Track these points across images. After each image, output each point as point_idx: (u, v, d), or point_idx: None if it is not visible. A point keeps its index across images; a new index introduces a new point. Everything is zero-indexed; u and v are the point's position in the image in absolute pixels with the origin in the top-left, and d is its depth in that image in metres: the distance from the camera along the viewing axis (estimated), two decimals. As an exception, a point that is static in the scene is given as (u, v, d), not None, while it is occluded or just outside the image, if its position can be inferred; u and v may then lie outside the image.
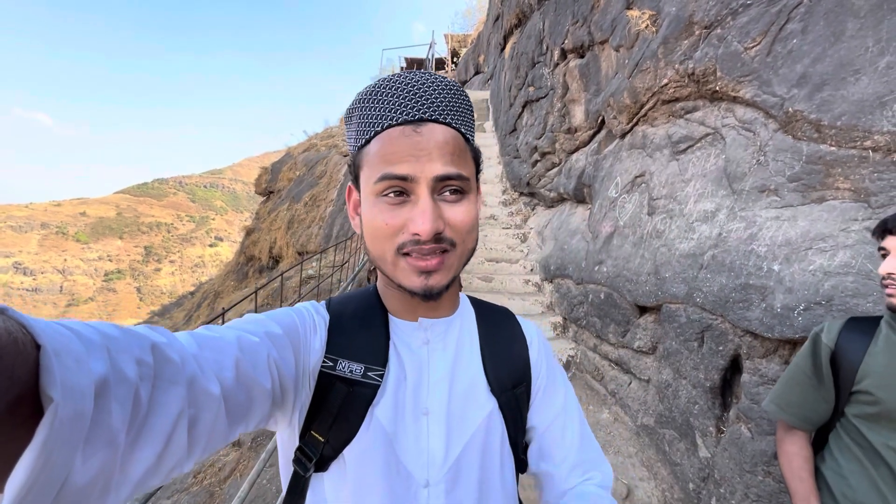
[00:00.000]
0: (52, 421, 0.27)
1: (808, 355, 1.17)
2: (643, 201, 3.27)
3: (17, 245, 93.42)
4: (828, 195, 1.98)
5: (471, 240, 0.62)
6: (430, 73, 0.61)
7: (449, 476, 0.63)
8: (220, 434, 0.45)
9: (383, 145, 0.57)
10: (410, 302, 0.68)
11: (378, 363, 0.64)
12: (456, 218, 0.58)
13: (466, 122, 0.63)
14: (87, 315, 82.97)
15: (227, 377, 0.46)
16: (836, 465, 1.10)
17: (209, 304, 14.25)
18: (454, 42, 18.79)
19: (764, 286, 2.04)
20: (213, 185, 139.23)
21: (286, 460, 0.65)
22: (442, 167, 0.57)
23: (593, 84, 4.38)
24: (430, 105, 0.58)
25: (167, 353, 0.39)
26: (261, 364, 0.52)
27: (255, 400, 0.51)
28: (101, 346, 0.33)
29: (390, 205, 0.57)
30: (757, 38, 2.42)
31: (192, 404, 0.40)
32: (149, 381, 0.36)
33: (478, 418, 0.66)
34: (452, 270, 0.60)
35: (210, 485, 3.24)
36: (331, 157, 12.52)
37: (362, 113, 0.60)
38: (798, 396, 1.18)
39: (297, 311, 0.65)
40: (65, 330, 0.31)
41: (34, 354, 0.27)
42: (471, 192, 0.61)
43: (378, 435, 0.61)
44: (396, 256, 0.58)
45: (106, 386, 0.31)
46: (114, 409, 0.32)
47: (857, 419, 1.07)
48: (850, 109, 1.90)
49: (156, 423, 0.36)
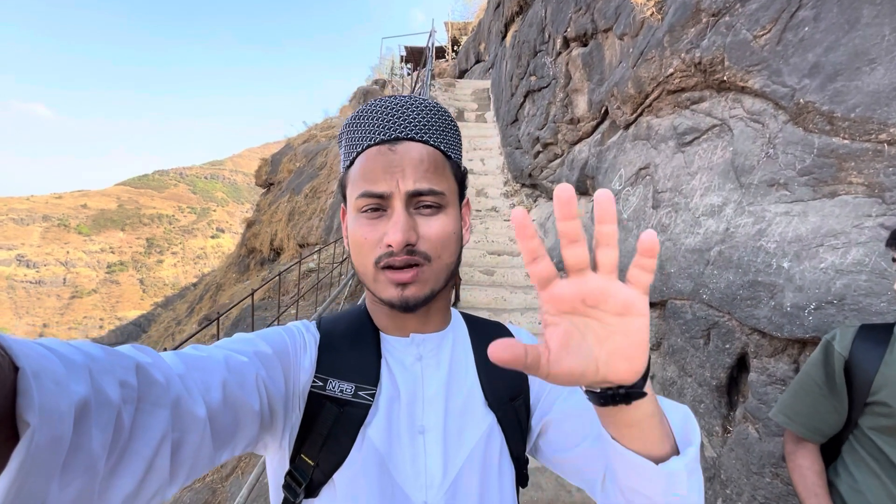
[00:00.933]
0: (27, 446, 0.26)
1: (819, 364, 1.13)
2: (648, 194, 3.21)
3: (19, 238, 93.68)
4: (840, 190, 1.91)
5: (448, 254, 0.62)
6: (411, 96, 0.65)
7: (448, 496, 0.61)
8: (205, 458, 0.44)
9: (363, 164, 0.61)
10: (399, 317, 0.67)
11: (369, 382, 0.62)
12: (430, 231, 0.60)
13: (447, 140, 0.65)
14: (91, 307, 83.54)
15: (214, 398, 0.45)
16: (851, 480, 1.07)
17: (211, 296, 14.29)
18: (454, 30, 18.54)
19: (773, 284, 1.99)
20: (213, 176, 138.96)
21: (276, 486, 0.63)
22: (413, 183, 0.59)
23: (597, 73, 4.29)
24: (406, 125, 0.61)
25: (152, 373, 0.38)
26: (249, 384, 0.51)
27: (243, 421, 0.50)
28: (83, 367, 0.32)
29: (369, 220, 0.60)
30: (767, 25, 2.34)
31: (177, 427, 0.39)
32: (132, 403, 0.35)
33: (476, 434, 0.64)
34: (429, 284, 0.61)
35: (212, 482, 3.24)
36: (331, 148, 12.42)
37: (348, 136, 0.64)
38: (808, 407, 1.14)
39: (288, 331, 0.65)
40: (45, 351, 0.30)
41: (11, 377, 0.26)
42: (448, 206, 0.62)
43: (371, 456, 0.59)
44: (376, 270, 0.60)
45: (87, 409, 0.30)
46: (94, 433, 0.31)
47: (873, 431, 1.03)
48: (865, 101, 1.83)
49: (138, 448, 0.35)
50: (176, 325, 16.25)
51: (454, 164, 0.66)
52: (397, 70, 20.03)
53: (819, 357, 1.14)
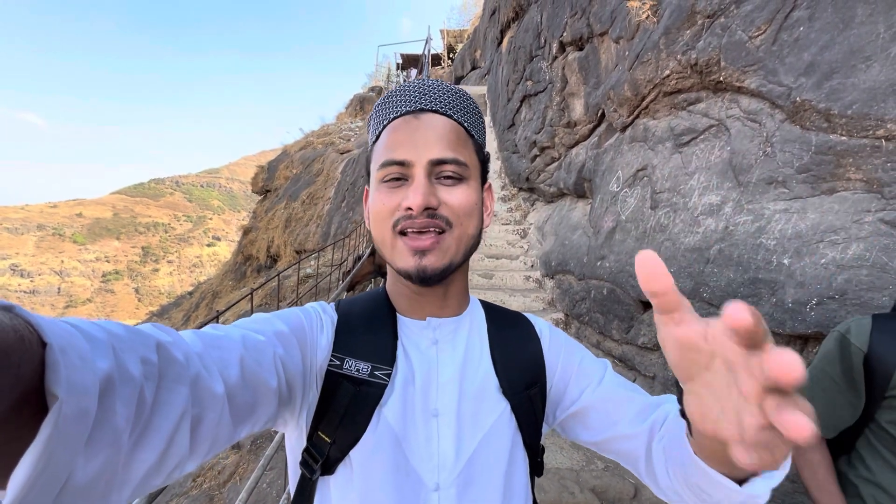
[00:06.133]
0: (55, 419, 0.26)
1: (835, 360, 1.09)
2: (646, 195, 3.22)
3: (13, 247, 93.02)
4: (839, 186, 1.93)
5: (471, 225, 0.62)
6: (438, 80, 0.65)
7: (460, 480, 0.61)
8: (225, 434, 0.45)
9: (387, 136, 0.62)
10: (417, 299, 0.67)
11: (385, 362, 0.62)
12: (452, 199, 0.60)
13: (470, 119, 0.65)
14: (86, 316, 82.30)
15: (232, 375, 0.46)
16: (868, 473, 1.05)
17: (207, 304, 14.19)
18: (450, 37, 18.68)
19: (774, 280, 1.99)
20: (209, 184, 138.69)
21: (294, 463, 0.64)
22: (438, 152, 0.59)
23: (593, 77, 4.32)
24: (431, 98, 0.63)
25: (172, 352, 0.39)
26: (266, 362, 0.52)
27: (261, 399, 0.50)
28: (107, 345, 0.33)
29: (390, 188, 0.60)
30: (762, 26, 2.37)
31: (196, 404, 0.40)
32: (153, 380, 0.36)
33: (489, 420, 0.64)
34: (449, 253, 0.60)
35: (210, 488, 3.19)
36: (327, 154, 12.44)
37: (377, 114, 0.66)
38: (825, 404, 1.11)
39: (304, 311, 0.65)
40: (70, 328, 0.30)
41: (40, 352, 0.27)
42: (470, 179, 0.62)
43: (386, 435, 0.60)
44: (394, 237, 0.60)
45: (111, 384, 0.31)
46: (118, 408, 0.31)
47: (892, 425, 1.01)
48: (861, 98, 1.85)
49: (159, 424, 0.36)
50: (172, 333, 16.10)
51: (477, 143, 0.66)
52: (394, 77, 20.13)
53: (834, 352, 1.10)
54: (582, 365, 0.71)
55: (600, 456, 2.69)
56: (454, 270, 0.62)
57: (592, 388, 0.68)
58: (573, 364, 0.71)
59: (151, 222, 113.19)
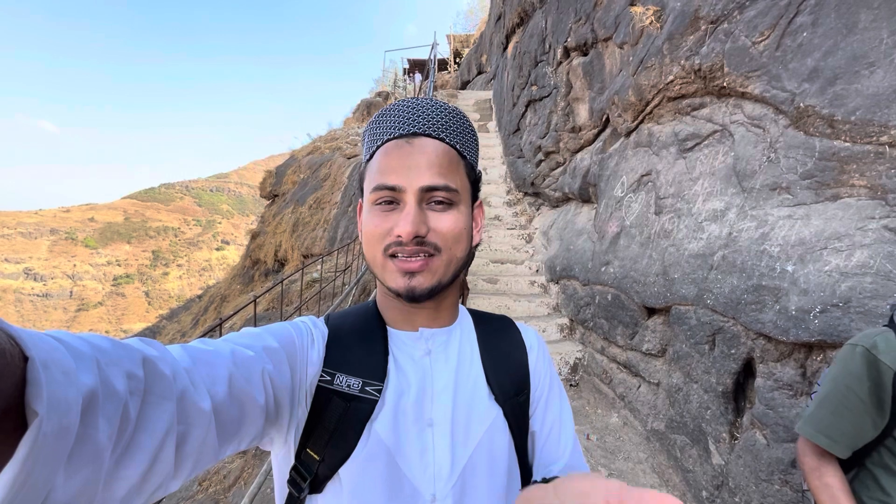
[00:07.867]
0: (35, 436, 0.26)
1: (863, 378, 1.04)
2: (650, 200, 3.21)
3: (27, 251, 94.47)
4: (843, 193, 1.91)
5: (459, 249, 0.63)
6: (431, 99, 0.67)
7: (456, 489, 0.61)
8: (210, 451, 0.44)
9: (380, 158, 0.63)
10: (409, 311, 0.67)
11: (376, 377, 0.62)
12: (441, 226, 0.61)
13: (463, 140, 0.66)
14: (97, 319, 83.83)
15: (220, 391, 0.45)
16: (883, 495, 1.02)
17: (216, 308, 14.31)
18: (456, 42, 18.74)
19: (777, 287, 1.97)
20: (218, 188, 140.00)
21: (281, 482, 0.64)
22: (429, 178, 0.60)
23: (597, 82, 4.32)
24: (424, 121, 0.63)
25: (159, 367, 0.38)
26: (255, 378, 0.51)
27: (248, 416, 0.50)
28: (91, 359, 0.32)
29: (382, 212, 0.61)
30: (765, 31, 2.36)
31: (182, 420, 0.39)
32: (138, 395, 0.35)
33: (482, 427, 0.65)
34: (438, 275, 0.61)
35: (215, 493, 3.21)
36: (334, 159, 12.52)
37: (370, 132, 0.67)
38: (852, 426, 1.06)
39: (295, 325, 0.65)
40: (54, 342, 0.30)
41: (21, 367, 0.26)
42: (460, 204, 0.64)
43: (378, 450, 0.60)
44: (385, 259, 0.61)
45: (94, 400, 0.30)
46: (101, 424, 0.31)
47: None
48: (865, 104, 1.84)
49: (143, 440, 0.35)
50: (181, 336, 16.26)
51: (468, 164, 0.67)
52: (400, 82, 20.24)
53: (862, 370, 1.04)
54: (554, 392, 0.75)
55: (602, 462, 2.68)
56: (443, 289, 0.64)
57: (542, 409, 0.72)
58: (551, 384, 0.74)
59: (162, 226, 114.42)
